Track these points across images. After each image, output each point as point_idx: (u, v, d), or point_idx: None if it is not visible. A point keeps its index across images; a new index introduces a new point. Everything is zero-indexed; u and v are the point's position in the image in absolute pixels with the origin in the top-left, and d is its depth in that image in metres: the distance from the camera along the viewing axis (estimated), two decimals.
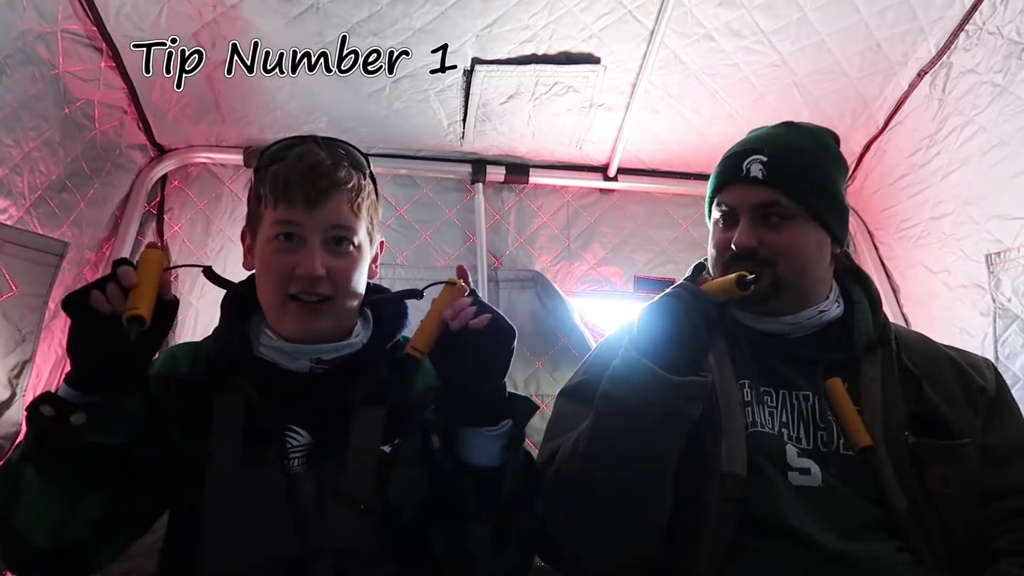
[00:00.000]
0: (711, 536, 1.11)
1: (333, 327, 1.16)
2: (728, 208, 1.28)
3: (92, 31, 1.66)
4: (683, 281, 1.14)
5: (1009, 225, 1.77)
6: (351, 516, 1.07)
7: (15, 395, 1.56)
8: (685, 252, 2.29)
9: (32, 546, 0.99)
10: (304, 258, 1.10)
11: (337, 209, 1.12)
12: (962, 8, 1.78)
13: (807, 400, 1.24)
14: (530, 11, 1.81)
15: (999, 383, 1.29)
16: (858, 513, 1.13)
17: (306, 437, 1.13)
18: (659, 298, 1.09)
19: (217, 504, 1.06)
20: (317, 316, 1.13)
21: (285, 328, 1.14)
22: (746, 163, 1.26)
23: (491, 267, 2.19)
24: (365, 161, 1.22)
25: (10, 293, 1.52)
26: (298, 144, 1.16)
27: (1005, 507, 1.16)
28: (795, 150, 1.28)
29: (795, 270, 1.25)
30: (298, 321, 1.12)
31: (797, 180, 1.25)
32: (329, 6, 1.74)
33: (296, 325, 1.13)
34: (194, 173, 2.16)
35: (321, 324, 1.14)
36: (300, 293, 1.11)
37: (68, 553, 1.02)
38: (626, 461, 1.09)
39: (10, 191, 1.52)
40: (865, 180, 2.24)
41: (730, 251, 1.25)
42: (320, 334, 1.15)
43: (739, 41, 1.90)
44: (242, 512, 1.06)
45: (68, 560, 1.03)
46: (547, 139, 2.19)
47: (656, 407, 1.06)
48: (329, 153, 1.15)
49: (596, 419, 1.13)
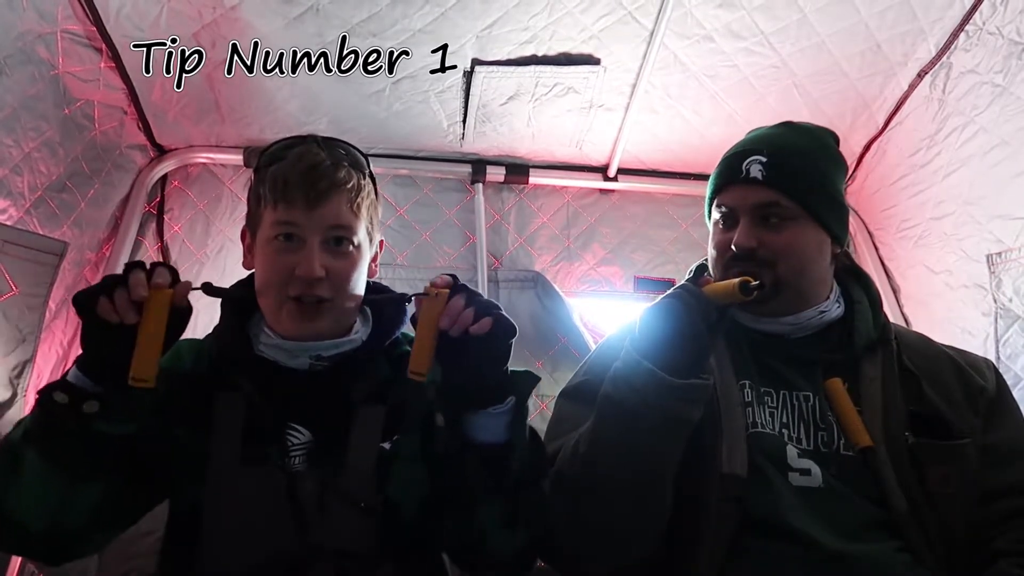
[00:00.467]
0: (711, 536, 1.11)
1: (331, 327, 1.16)
2: (728, 209, 1.28)
3: (92, 31, 1.66)
4: (684, 282, 1.14)
5: (1010, 225, 1.76)
6: (352, 515, 1.07)
7: (16, 395, 1.56)
8: (685, 252, 2.29)
9: (27, 528, 0.99)
10: (303, 259, 1.10)
11: (337, 209, 1.12)
12: (962, 8, 1.78)
13: (807, 401, 1.24)
14: (530, 12, 1.81)
15: (999, 383, 1.29)
16: (858, 513, 1.13)
17: (306, 435, 1.12)
18: (660, 299, 1.09)
19: (217, 503, 1.06)
20: (315, 317, 1.13)
21: (283, 328, 1.14)
22: (745, 164, 1.26)
23: (491, 267, 2.19)
24: (365, 161, 1.22)
25: (10, 293, 1.52)
26: (298, 144, 1.16)
27: (1005, 507, 1.16)
28: (794, 150, 1.28)
29: (795, 270, 1.25)
30: (296, 322, 1.12)
31: (796, 180, 1.25)
32: (329, 7, 1.74)
33: (294, 326, 1.13)
34: (194, 173, 2.16)
35: (319, 325, 1.14)
36: (299, 295, 1.11)
37: (62, 537, 1.02)
38: (626, 462, 1.09)
39: (10, 191, 1.52)
40: (865, 180, 2.24)
41: (730, 252, 1.25)
42: (318, 334, 1.15)
43: (739, 42, 1.90)
44: (242, 511, 1.06)
45: (61, 543, 1.03)
46: (547, 140, 2.19)
47: (656, 409, 1.06)
48: (329, 153, 1.15)
49: (597, 420, 1.13)
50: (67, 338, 1.84)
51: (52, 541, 1.02)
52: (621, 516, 1.11)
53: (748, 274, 1.22)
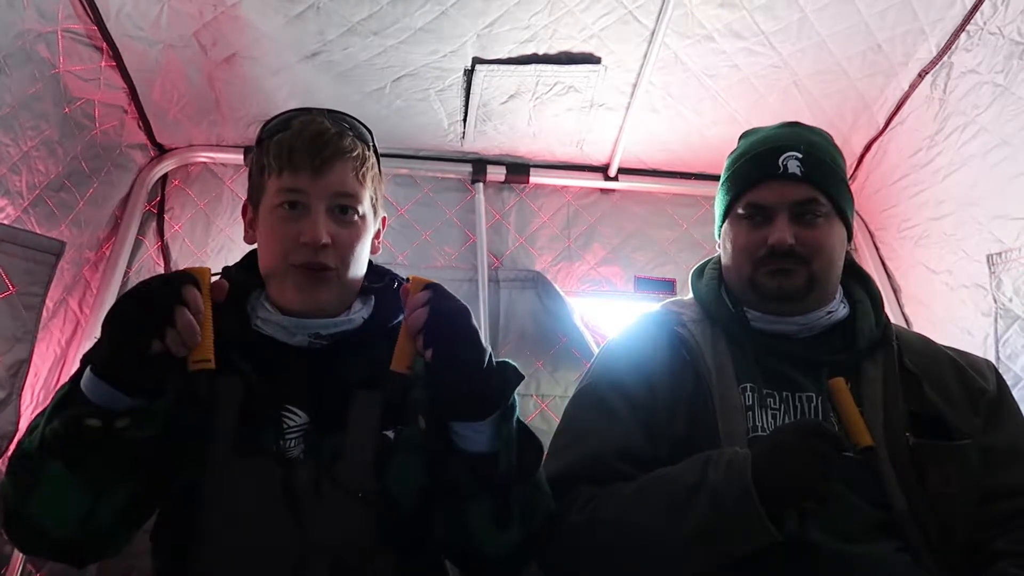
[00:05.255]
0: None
1: (336, 299, 1.15)
2: (761, 206, 1.27)
3: (92, 30, 1.66)
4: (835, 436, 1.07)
5: (1010, 225, 1.76)
6: (350, 504, 1.06)
7: (12, 394, 1.55)
8: (685, 252, 2.29)
9: (51, 534, 0.97)
10: (309, 225, 1.09)
11: (342, 176, 1.12)
12: (963, 8, 1.78)
13: (810, 401, 1.23)
14: (531, 11, 1.80)
15: (1000, 384, 1.29)
16: (858, 514, 1.13)
17: (303, 418, 1.10)
18: (809, 445, 1.03)
19: (213, 495, 1.04)
20: (320, 286, 1.11)
21: (287, 298, 1.12)
22: (782, 159, 1.25)
23: (491, 267, 2.18)
24: (369, 134, 1.22)
25: (7, 292, 1.51)
26: (302, 115, 1.16)
27: (1005, 508, 1.16)
28: (821, 147, 1.29)
29: (826, 267, 1.26)
30: (300, 291, 1.11)
31: (828, 177, 1.26)
32: (330, 5, 1.74)
33: (298, 296, 1.11)
34: (194, 173, 2.16)
35: (324, 295, 1.12)
36: (304, 263, 1.09)
37: (90, 541, 1.00)
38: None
39: (8, 190, 1.51)
40: (866, 180, 2.24)
41: (764, 249, 1.24)
42: (322, 305, 1.13)
43: (740, 42, 1.90)
44: (238, 505, 1.04)
45: (89, 547, 1.02)
46: (548, 139, 2.19)
47: (723, 536, 1.04)
48: (334, 123, 1.15)
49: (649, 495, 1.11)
50: (65, 337, 1.84)
51: (79, 545, 1.00)
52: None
53: (783, 271, 1.22)
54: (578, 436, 1.25)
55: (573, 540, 1.14)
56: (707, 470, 1.06)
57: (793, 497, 1.02)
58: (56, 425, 0.94)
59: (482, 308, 2.06)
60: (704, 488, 1.05)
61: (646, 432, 1.21)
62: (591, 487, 1.17)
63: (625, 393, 1.25)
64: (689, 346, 1.28)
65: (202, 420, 1.07)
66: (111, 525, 1.01)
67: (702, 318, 1.34)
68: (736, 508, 1.01)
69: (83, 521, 0.97)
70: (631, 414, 1.23)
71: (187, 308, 0.91)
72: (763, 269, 1.25)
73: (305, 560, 1.03)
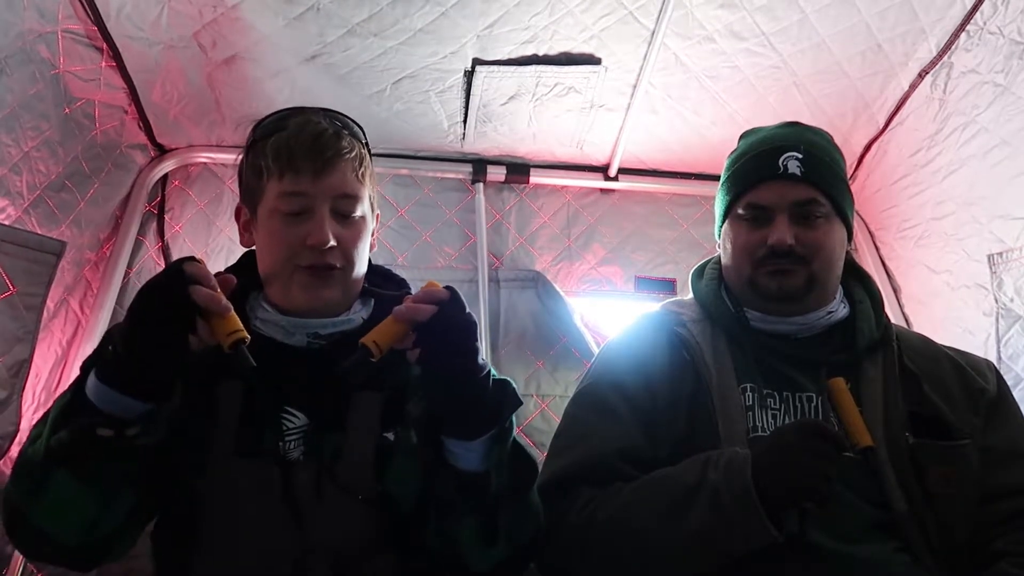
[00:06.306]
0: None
1: (339, 298, 1.15)
2: (761, 206, 1.27)
3: (92, 31, 1.66)
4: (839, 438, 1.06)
5: (1011, 225, 1.76)
6: (350, 505, 1.06)
7: (13, 395, 1.55)
8: (686, 252, 2.29)
9: (58, 541, 0.97)
10: (314, 228, 1.09)
11: (344, 177, 1.12)
12: (963, 8, 1.78)
13: (811, 401, 1.23)
14: (531, 12, 1.80)
15: (1000, 384, 1.29)
16: (858, 514, 1.13)
17: (302, 419, 1.10)
18: (811, 447, 1.03)
19: (215, 498, 1.05)
20: (326, 285, 1.11)
21: (291, 299, 1.12)
22: (782, 160, 1.26)
23: (492, 267, 2.18)
24: (361, 132, 1.22)
25: (8, 292, 1.52)
26: (296, 114, 1.15)
27: (1005, 508, 1.16)
28: (821, 147, 1.29)
29: (825, 267, 1.26)
30: (307, 290, 1.11)
31: (828, 177, 1.26)
32: (330, 6, 1.74)
33: (305, 296, 1.11)
34: (195, 173, 2.16)
35: (330, 294, 1.12)
36: (311, 264, 1.09)
37: (97, 546, 1.00)
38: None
39: (8, 191, 1.51)
40: (866, 180, 2.24)
41: (764, 249, 1.25)
42: (328, 304, 1.13)
43: (740, 43, 1.90)
44: (238, 507, 1.04)
45: (96, 552, 1.02)
46: (548, 139, 2.19)
47: (724, 541, 1.04)
48: (329, 122, 1.15)
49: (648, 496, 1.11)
50: (66, 338, 1.84)
51: (85, 552, 1.00)
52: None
53: (783, 271, 1.23)
54: (578, 436, 1.25)
55: (573, 541, 1.14)
56: (707, 470, 1.06)
57: (793, 498, 1.02)
58: (63, 435, 0.94)
59: (482, 308, 2.06)
60: (704, 489, 1.05)
61: (646, 432, 1.22)
62: (591, 488, 1.17)
63: (625, 393, 1.25)
64: (689, 346, 1.28)
65: (203, 423, 1.07)
66: (116, 530, 1.01)
67: (702, 318, 1.34)
68: (736, 509, 1.02)
69: (89, 528, 0.98)
70: (631, 414, 1.23)
71: (200, 284, 0.92)
72: (763, 269, 1.25)
73: (305, 561, 1.03)
